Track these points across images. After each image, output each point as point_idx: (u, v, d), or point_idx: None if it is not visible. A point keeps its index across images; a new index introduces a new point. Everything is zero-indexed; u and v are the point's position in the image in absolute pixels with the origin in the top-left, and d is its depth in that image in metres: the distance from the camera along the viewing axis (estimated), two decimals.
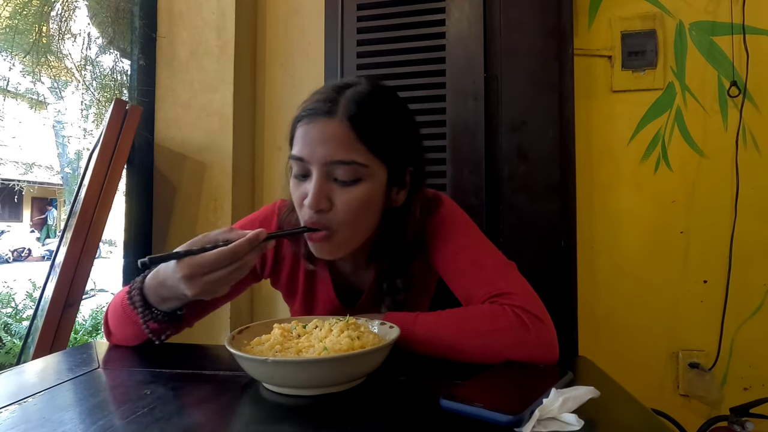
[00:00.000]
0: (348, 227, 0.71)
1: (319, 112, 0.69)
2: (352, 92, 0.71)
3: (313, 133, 0.69)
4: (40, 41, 1.34)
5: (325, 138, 0.68)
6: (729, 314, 1.34)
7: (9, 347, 2.36)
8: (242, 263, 0.63)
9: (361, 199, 0.70)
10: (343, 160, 0.68)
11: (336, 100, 0.70)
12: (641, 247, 1.41)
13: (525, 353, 0.66)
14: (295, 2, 1.59)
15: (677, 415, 1.30)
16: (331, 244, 0.72)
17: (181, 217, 1.48)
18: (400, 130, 0.75)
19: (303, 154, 0.70)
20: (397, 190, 0.76)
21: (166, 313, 0.71)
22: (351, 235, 0.72)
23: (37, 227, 9.24)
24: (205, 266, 0.62)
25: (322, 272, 0.85)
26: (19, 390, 0.56)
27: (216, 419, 0.50)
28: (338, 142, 0.68)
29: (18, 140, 2.41)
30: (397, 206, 0.77)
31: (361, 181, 0.70)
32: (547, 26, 1.26)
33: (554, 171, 1.24)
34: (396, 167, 0.74)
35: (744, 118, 1.36)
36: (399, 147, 0.74)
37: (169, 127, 1.50)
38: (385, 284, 0.79)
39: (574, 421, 0.44)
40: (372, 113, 0.70)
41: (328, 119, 0.69)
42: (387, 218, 0.77)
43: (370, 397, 0.55)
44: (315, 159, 0.69)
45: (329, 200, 0.69)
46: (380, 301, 0.81)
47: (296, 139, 0.72)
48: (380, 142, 0.71)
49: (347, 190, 0.69)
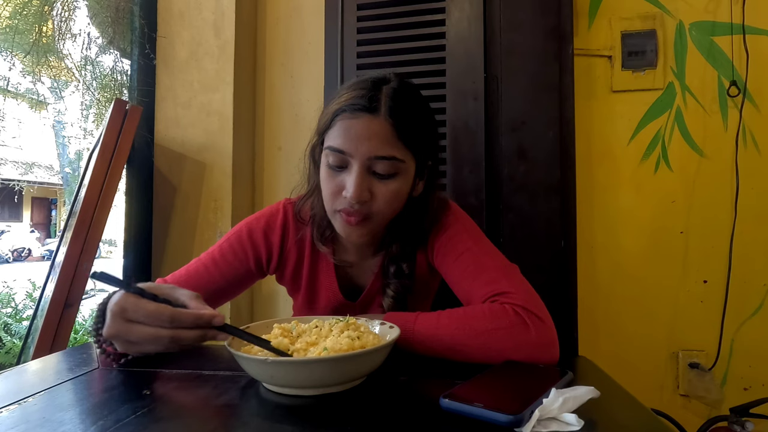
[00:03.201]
0: (382, 216, 0.75)
1: (363, 108, 0.72)
2: (390, 90, 0.74)
3: (357, 128, 0.72)
4: (40, 41, 1.34)
5: (369, 134, 0.71)
6: (729, 314, 1.34)
7: (9, 347, 2.35)
8: (175, 335, 0.56)
9: (397, 191, 0.74)
10: (385, 156, 0.72)
11: (377, 98, 0.73)
12: (641, 247, 1.41)
13: (525, 352, 0.66)
14: (295, 2, 1.59)
15: (677, 415, 1.30)
16: (364, 228, 0.76)
17: (181, 217, 1.48)
18: (428, 125, 0.80)
19: (345, 148, 0.72)
20: (418, 181, 0.80)
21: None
22: (382, 221, 0.77)
23: (42, 227, 9.24)
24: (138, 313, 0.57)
25: (326, 267, 0.87)
26: (19, 390, 0.56)
27: (216, 419, 0.50)
28: (381, 139, 0.71)
29: (18, 140, 2.41)
30: (416, 196, 0.81)
31: (397, 175, 0.74)
32: (547, 26, 1.26)
33: (554, 171, 1.24)
34: (422, 160, 0.79)
35: (744, 118, 1.36)
36: (426, 142, 0.79)
37: (169, 127, 1.50)
38: (393, 267, 0.82)
39: (574, 421, 0.44)
40: (408, 110, 0.74)
41: (371, 116, 0.72)
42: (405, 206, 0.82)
43: (370, 397, 0.55)
44: (358, 154, 0.71)
45: (370, 192, 0.73)
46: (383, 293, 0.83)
47: (336, 131, 0.73)
48: (414, 138, 0.75)
49: (386, 183, 0.73)
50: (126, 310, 0.57)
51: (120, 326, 0.58)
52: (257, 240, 0.86)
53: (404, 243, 0.83)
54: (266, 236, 0.86)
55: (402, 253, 0.83)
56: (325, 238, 0.85)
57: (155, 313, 0.56)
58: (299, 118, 1.56)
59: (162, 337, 0.57)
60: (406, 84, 0.78)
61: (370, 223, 0.75)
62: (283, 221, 0.87)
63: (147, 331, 0.57)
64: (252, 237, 0.86)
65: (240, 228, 0.88)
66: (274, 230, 0.87)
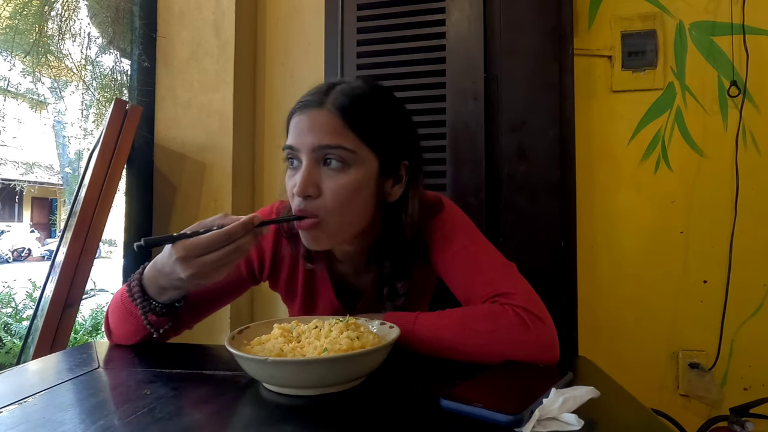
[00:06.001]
0: (336, 215, 0.71)
1: (310, 104, 0.72)
2: (343, 86, 0.73)
3: (303, 122, 0.71)
4: (40, 41, 1.34)
5: (313, 126, 0.70)
6: (729, 314, 1.34)
7: (9, 347, 2.35)
8: (237, 246, 0.62)
9: (349, 186, 0.70)
10: (330, 144, 0.69)
11: (327, 93, 0.72)
12: (641, 247, 1.41)
13: (526, 353, 0.66)
14: (295, 2, 1.59)
15: (677, 415, 1.30)
16: (319, 231, 0.71)
17: (181, 217, 1.48)
18: (392, 122, 0.76)
19: (293, 143, 0.72)
20: (391, 184, 0.76)
21: (164, 305, 0.71)
22: (339, 223, 0.72)
23: (42, 227, 9.24)
24: (200, 247, 0.61)
25: (322, 274, 0.85)
26: (19, 390, 0.56)
27: (216, 419, 0.50)
28: (326, 129, 0.70)
29: (18, 140, 2.41)
30: (392, 201, 0.77)
31: (349, 168, 0.70)
32: (547, 26, 1.26)
33: (554, 171, 1.24)
34: (388, 158, 0.74)
35: (744, 118, 1.36)
36: (390, 138, 0.75)
37: (169, 127, 1.50)
38: (386, 289, 0.79)
39: (574, 421, 0.44)
40: (361, 104, 0.72)
41: (317, 109, 0.71)
42: (385, 215, 0.78)
43: (370, 397, 0.55)
44: (304, 146, 0.70)
45: (317, 187, 0.70)
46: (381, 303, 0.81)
47: (289, 130, 0.74)
48: (369, 130, 0.72)
49: (335, 177, 0.70)
50: (189, 250, 0.61)
51: (192, 264, 0.62)
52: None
53: (397, 258, 0.78)
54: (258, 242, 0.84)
55: (395, 272, 0.78)
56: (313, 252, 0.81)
57: (214, 239, 0.61)
58: None
59: (229, 253, 0.62)
60: (368, 83, 0.76)
61: (325, 225, 0.70)
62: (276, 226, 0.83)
63: (216, 256, 0.61)
64: None
65: None
66: (266, 236, 0.83)
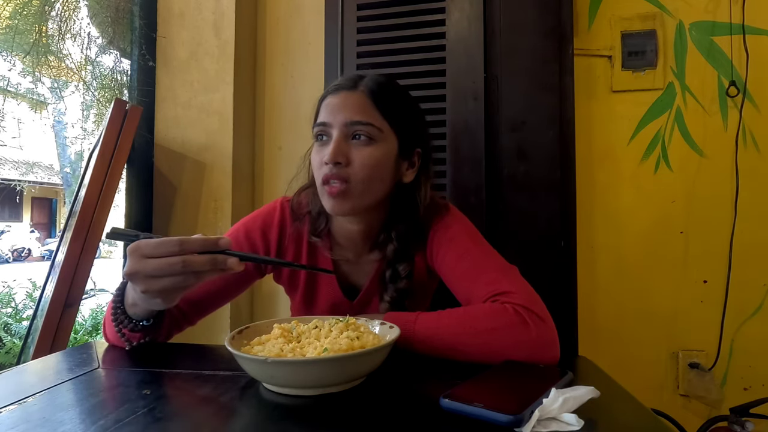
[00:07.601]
0: (361, 183, 0.77)
1: (344, 86, 0.80)
2: (371, 76, 0.82)
3: (336, 101, 0.79)
4: (40, 41, 1.34)
5: (346, 104, 0.78)
6: (729, 314, 1.34)
7: (9, 347, 2.36)
8: (186, 260, 0.59)
9: (375, 158, 0.77)
10: (361, 120, 0.77)
11: (358, 79, 0.81)
12: (641, 247, 1.41)
13: (526, 352, 0.66)
14: (295, 2, 1.59)
15: (677, 415, 1.30)
16: (345, 196, 0.77)
17: (181, 217, 1.48)
18: (410, 111, 0.85)
19: (325, 119, 0.79)
20: (406, 166, 0.83)
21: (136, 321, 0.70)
22: (363, 191, 0.77)
23: (42, 227, 9.25)
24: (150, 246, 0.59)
25: (324, 262, 0.87)
26: (19, 390, 0.56)
27: (216, 419, 0.50)
28: (357, 108, 0.78)
29: (18, 140, 2.41)
30: (406, 182, 0.83)
31: (375, 143, 0.77)
32: (547, 26, 1.26)
33: (554, 171, 1.24)
34: (406, 141, 0.82)
35: (744, 118, 1.36)
36: (408, 124, 0.83)
37: (169, 127, 1.50)
38: (388, 272, 0.83)
39: (574, 421, 0.44)
40: (387, 91, 0.81)
41: (350, 91, 0.79)
42: (396, 196, 0.84)
43: (370, 397, 0.55)
44: (336, 121, 0.77)
45: (346, 156, 0.76)
46: (382, 292, 0.83)
47: (321, 111, 0.81)
48: (393, 113, 0.80)
49: (363, 149, 0.77)
50: (139, 247, 0.60)
51: (136, 263, 0.60)
52: (255, 239, 0.86)
53: (400, 242, 0.83)
54: (264, 234, 0.87)
55: (398, 255, 0.83)
56: (320, 231, 0.86)
57: (164, 242, 0.60)
58: (299, 118, 1.56)
59: (174, 263, 0.59)
60: (392, 79, 0.85)
61: (351, 191, 0.76)
62: (281, 218, 0.88)
63: (160, 262, 0.59)
64: (249, 237, 0.86)
65: (237, 228, 0.88)
66: (272, 228, 0.87)
